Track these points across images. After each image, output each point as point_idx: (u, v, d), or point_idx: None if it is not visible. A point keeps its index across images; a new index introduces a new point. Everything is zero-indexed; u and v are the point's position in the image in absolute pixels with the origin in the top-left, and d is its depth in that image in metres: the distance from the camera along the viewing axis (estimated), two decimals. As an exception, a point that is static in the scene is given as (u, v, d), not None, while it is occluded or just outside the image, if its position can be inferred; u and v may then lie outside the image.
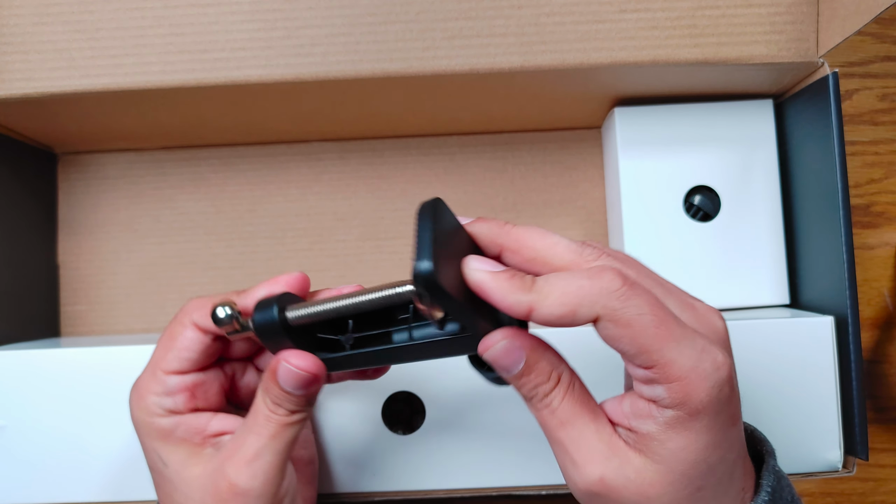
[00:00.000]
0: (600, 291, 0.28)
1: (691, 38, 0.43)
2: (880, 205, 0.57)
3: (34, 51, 0.44)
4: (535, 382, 0.31)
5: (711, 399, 0.29)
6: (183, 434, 0.36)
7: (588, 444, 0.30)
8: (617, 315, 0.28)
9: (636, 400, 0.30)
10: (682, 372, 0.28)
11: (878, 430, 0.56)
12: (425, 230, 0.28)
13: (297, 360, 0.34)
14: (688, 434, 0.29)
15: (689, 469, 0.29)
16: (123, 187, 0.58)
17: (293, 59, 0.44)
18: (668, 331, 0.29)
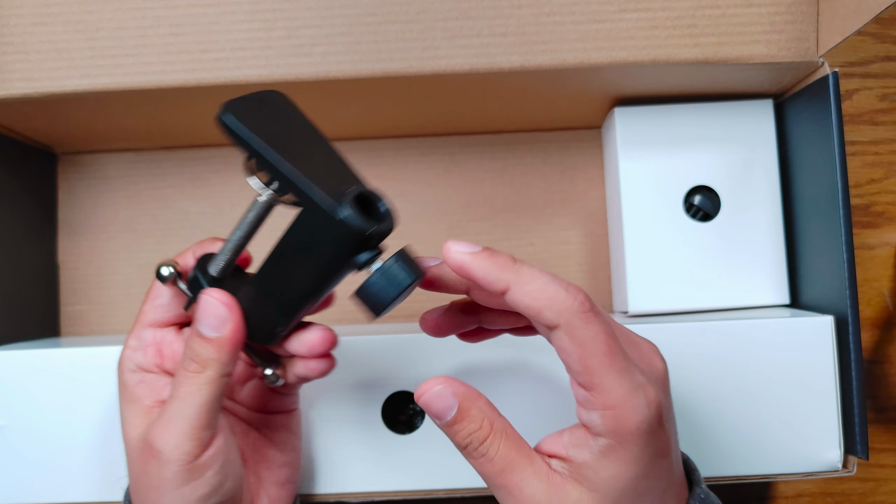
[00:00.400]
0: (570, 306, 0.31)
1: (691, 38, 0.43)
2: (880, 205, 0.57)
3: (34, 51, 0.44)
4: (469, 430, 0.33)
5: (640, 431, 0.31)
6: (140, 392, 0.37)
7: (529, 487, 0.32)
8: (575, 332, 0.31)
9: (576, 429, 0.32)
10: (616, 401, 0.30)
11: (878, 430, 0.56)
12: (246, 96, 0.32)
13: (215, 293, 0.34)
14: (619, 464, 0.31)
15: (620, 496, 0.31)
16: (123, 187, 0.58)
17: (293, 59, 0.44)
18: (613, 360, 0.31)
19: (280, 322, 0.35)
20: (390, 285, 0.31)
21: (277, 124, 0.33)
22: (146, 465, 0.34)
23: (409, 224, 0.57)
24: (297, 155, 0.32)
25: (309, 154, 0.33)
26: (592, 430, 0.31)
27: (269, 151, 0.31)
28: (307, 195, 0.31)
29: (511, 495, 0.32)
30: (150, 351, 0.37)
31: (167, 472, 0.34)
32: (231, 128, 0.31)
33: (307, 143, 0.33)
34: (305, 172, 0.31)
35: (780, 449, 0.43)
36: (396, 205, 0.57)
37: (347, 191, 0.31)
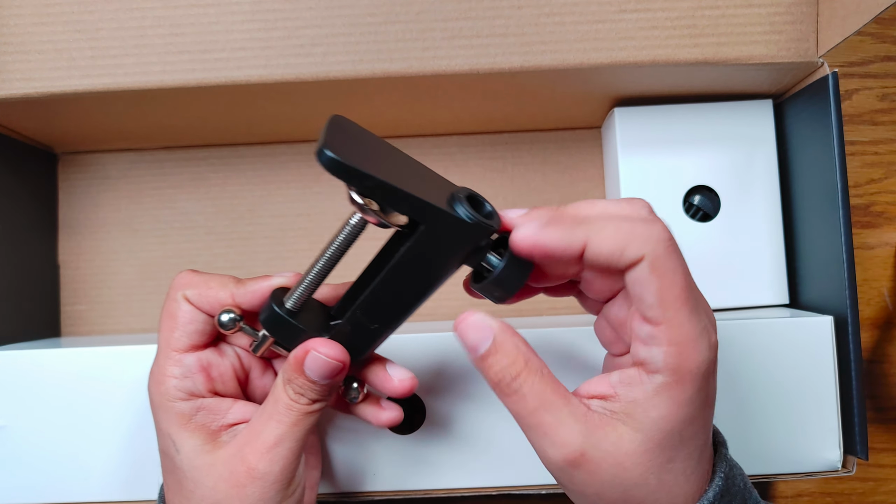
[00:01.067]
0: (651, 236, 0.30)
1: (691, 38, 0.43)
2: (880, 205, 0.57)
3: (34, 51, 0.44)
4: (503, 364, 0.32)
5: (700, 373, 0.30)
6: (202, 419, 0.36)
7: (564, 426, 0.31)
8: (658, 263, 0.30)
9: (627, 369, 0.32)
10: (683, 338, 0.30)
11: (877, 430, 0.56)
12: (328, 132, 0.30)
13: (326, 349, 0.34)
14: (670, 403, 0.30)
15: (664, 439, 0.31)
16: (124, 187, 0.58)
17: (293, 59, 0.44)
18: (688, 297, 0.30)
19: (376, 341, 0.36)
20: (521, 271, 0.33)
21: (373, 152, 0.32)
22: (243, 489, 0.34)
23: (409, 224, 0.57)
24: (404, 177, 0.32)
25: (409, 173, 0.33)
26: (650, 367, 0.30)
27: (389, 184, 0.30)
28: (437, 210, 0.31)
29: (545, 436, 0.31)
30: (199, 378, 0.36)
31: (270, 493, 0.34)
32: (345, 164, 0.30)
33: (402, 163, 0.34)
34: (422, 192, 0.31)
35: (780, 449, 0.43)
36: (396, 205, 0.57)
37: (456, 194, 0.32)
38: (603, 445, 0.31)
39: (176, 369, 0.36)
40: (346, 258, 0.34)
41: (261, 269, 0.57)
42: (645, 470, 0.31)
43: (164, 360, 0.36)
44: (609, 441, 0.31)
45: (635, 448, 0.31)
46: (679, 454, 0.31)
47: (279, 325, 0.35)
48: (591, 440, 0.31)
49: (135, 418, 0.44)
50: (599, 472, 0.31)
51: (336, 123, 0.32)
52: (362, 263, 0.37)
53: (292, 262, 0.57)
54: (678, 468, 0.32)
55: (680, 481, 0.32)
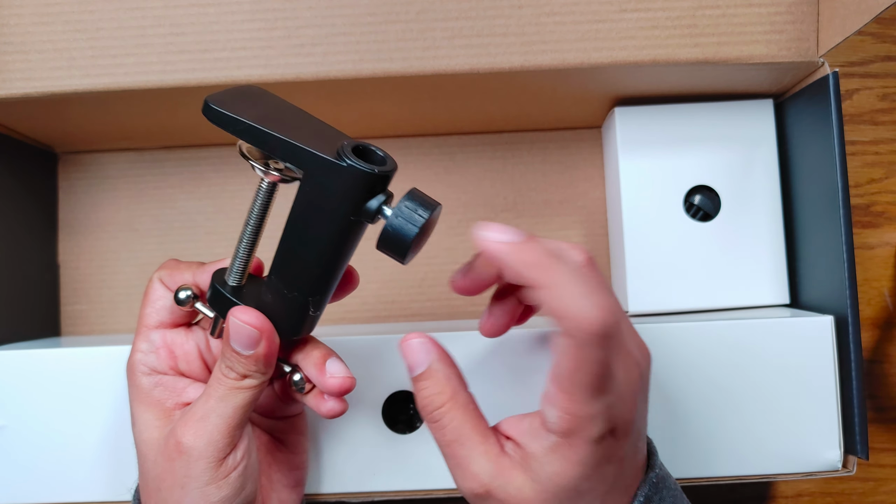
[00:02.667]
0: (588, 327, 0.30)
1: (691, 38, 0.43)
2: (880, 204, 0.57)
3: (34, 51, 0.44)
4: (431, 391, 0.34)
5: (591, 444, 0.31)
6: (158, 394, 0.37)
7: (475, 464, 0.33)
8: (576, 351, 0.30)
9: (535, 418, 0.33)
10: (577, 412, 0.31)
11: (877, 430, 0.56)
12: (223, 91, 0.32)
13: (244, 315, 0.35)
14: (563, 463, 0.32)
15: (560, 492, 0.32)
16: (124, 187, 0.58)
17: (294, 59, 0.44)
18: (595, 386, 0.31)
19: (309, 308, 0.35)
20: (409, 223, 0.32)
21: (260, 106, 0.33)
22: (172, 463, 0.35)
23: (410, 224, 0.57)
24: (286, 126, 0.32)
25: (297, 125, 0.33)
26: (547, 425, 0.32)
27: (259, 127, 0.31)
28: (310, 153, 0.31)
29: (458, 467, 0.33)
30: (163, 353, 0.38)
31: (196, 469, 0.34)
32: (219, 111, 0.31)
33: (292, 117, 0.34)
34: (299, 138, 0.32)
35: (780, 449, 0.43)
36: (396, 204, 0.57)
37: (344, 144, 0.32)
38: (507, 489, 0.32)
39: (143, 344, 0.38)
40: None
41: (261, 268, 0.57)
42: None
43: (137, 336, 0.38)
44: (513, 486, 0.32)
45: (534, 497, 0.32)
46: (583, 502, 0.33)
47: (219, 301, 0.36)
48: (497, 481, 0.32)
49: (135, 418, 0.44)
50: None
51: (242, 89, 0.34)
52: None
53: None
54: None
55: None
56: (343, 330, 0.49)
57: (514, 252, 0.31)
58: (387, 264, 0.57)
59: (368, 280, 0.57)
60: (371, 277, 0.57)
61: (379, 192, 0.33)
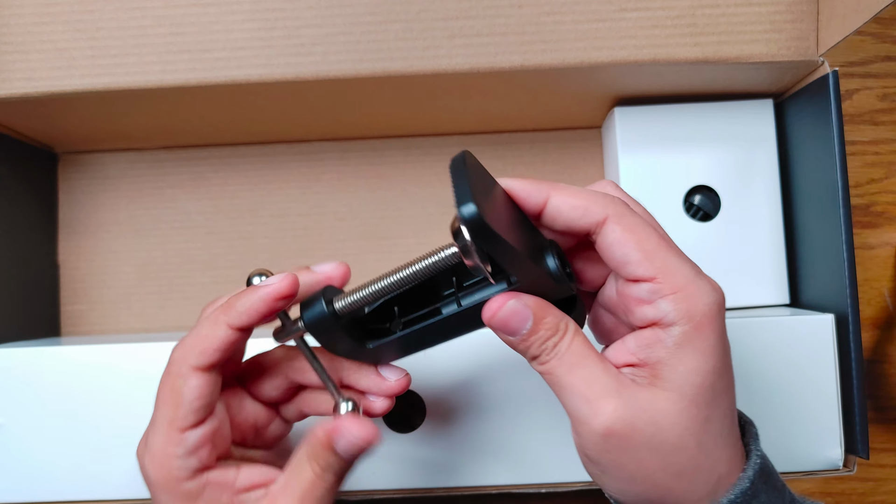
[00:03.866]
0: (612, 200, 0.31)
1: (691, 37, 0.43)
2: (880, 204, 0.57)
3: (34, 51, 0.44)
4: (545, 337, 0.31)
5: (714, 314, 0.30)
6: (209, 496, 0.34)
7: (599, 381, 0.30)
8: (625, 220, 0.30)
9: (639, 334, 0.31)
10: (685, 281, 0.30)
11: (878, 430, 0.56)
12: (461, 177, 0.28)
13: (358, 430, 0.33)
14: (696, 354, 0.30)
15: (697, 394, 0.30)
16: (123, 187, 0.58)
17: (293, 59, 0.44)
18: (669, 243, 0.30)
19: (403, 352, 0.35)
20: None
21: (490, 198, 0.30)
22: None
23: (409, 224, 0.57)
24: (511, 226, 0.30)
25: (510, 217, 0.31)
26: (664, 321, 0.30)
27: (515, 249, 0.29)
28: (535, 269, 0.30)
29: (579, 392, 0.30)
30: (204, 451, 0.33)
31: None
32: (486, 227, 0.28)
33: (499, 202, 0.31)
34: (525, 247, 0.30)
35: (780, 447, 0.43)
36: (396, 205, 0.57)
37: (549, 249, 0.31)
38: (638, 402, 0.30)
39: (179, 448, 0.33)
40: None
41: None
42: (683, 430, 0.30)
43: (165, 439, 0.33)
44: (644, 399, 0.30)
45: (670, 406, 0.30)
46: (714, 413, 0.30)
47: (321, 325, 0.34)
48: (623, 397, 0.30)
49: (133, 417, 0.44)
50: (635, 434, 0.30)
51: (467, 164, 0.29)
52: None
53: (292, 263, 0.57)
54: (715, 430, 0.31)
55: (719, 444, 0.31)
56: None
57: (521, 179, 0.32)
58: (387, 264, 0.57)
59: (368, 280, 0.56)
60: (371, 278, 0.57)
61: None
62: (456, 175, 0.29)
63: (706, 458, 0.31)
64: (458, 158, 0.30)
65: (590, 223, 0.30)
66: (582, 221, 0.31)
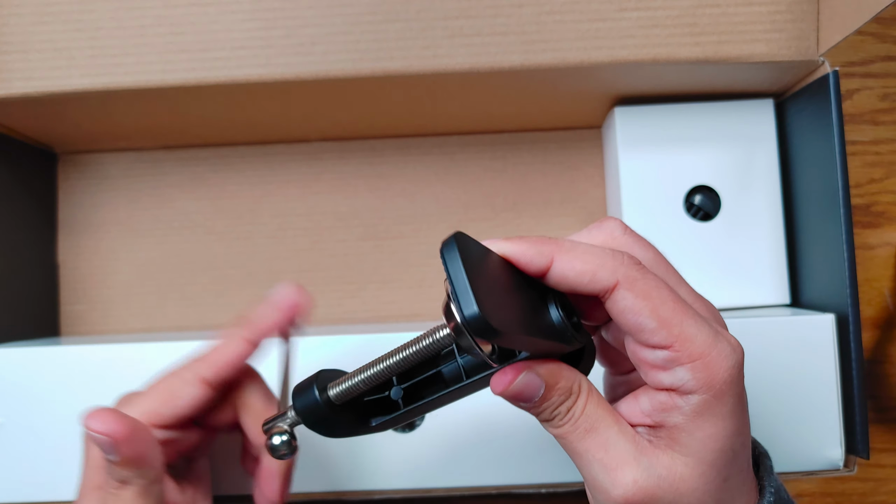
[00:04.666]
0: (622, 261, 0.29)
1: (692, 37, 0.43)
2: (881, 204, 0.57)
3: (34, 50, 0.44)
4: (557, 403, 0.30)
5: (733, 380, 0.29)
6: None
7: (617, 447, 0.29)
8: (636, 285, 0.28)
9: (654, 395, 0.30)
10: (703, 349, 0.28)
11: (878, 430, 0.56)
12: (458, 271, 0.26)
13: (96, 423, 0.32)
14: (715, 420, 0.29)
15: (717, 459, 0.29)
16: (123, 187, 0.58)
17: (293, 58, 0.44)
18: (685, 307, 0.29)
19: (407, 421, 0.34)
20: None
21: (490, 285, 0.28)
22: None
23: (410, 224, 0.57)
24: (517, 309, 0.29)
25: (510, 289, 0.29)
26: (682, 389, 0.28)
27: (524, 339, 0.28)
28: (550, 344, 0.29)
29: (596, 459, 0.29)
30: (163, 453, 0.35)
31: None
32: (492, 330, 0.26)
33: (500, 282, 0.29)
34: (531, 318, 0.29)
35: (781, 447, 0.43)
36: (396, 205, 0.57)
37: (555, 311, 0.30)
38: (657, 470, 0.29)
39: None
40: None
41: (260, 268, 0.57)
42: (702, 494, 0.29)
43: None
44: (662, 465, 0.29)
45: (689, 472, 0.29)
46: (732, 471, 0.30)
47: (316, 414, 0.33)
48: (643, 463, 0.29)
49: (134, 418, 0.44)
50: (657, 498, 0.29)
51: (459, 249, 0.27)
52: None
53: (292, 262, 0.57)
54: (733, 485, 0.30)
55: (735, 496, 0.30)
56: (343, 330, 0.49)
57: (518, 240, 0.29)
58: (387, 264, 0.57)
59: (368, 280, 0.57)
60: (371, 278, 0.57)
61: None
62: (452, 266, 0.27)
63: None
64: (449, 244, 0.28)
65: (599, 289, 0.29)
66: (590, 287, 0.29)
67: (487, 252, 0.29)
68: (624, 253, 0.29)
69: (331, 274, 0.57)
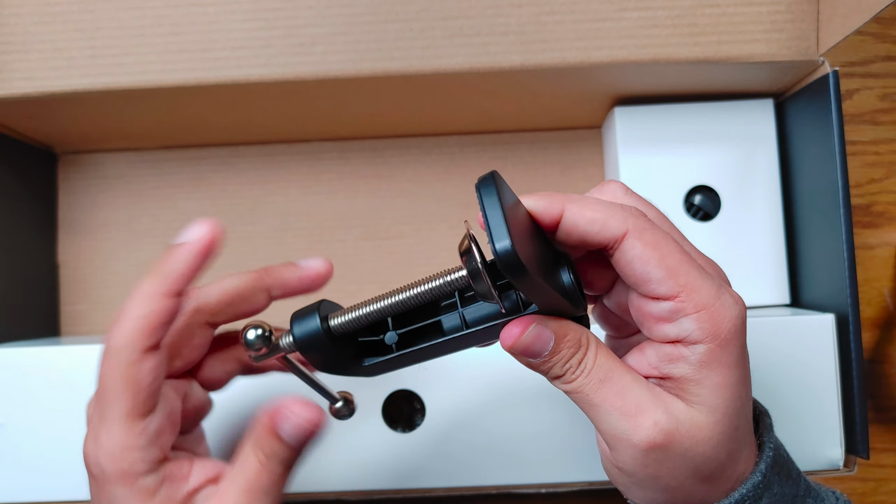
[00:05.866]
0: (631, 212, 0.29)
1: (692, 37, 0.43)
2: (881, 204, 0.57)
3: (34, 50, 0.44)
4: (568, 356, 0.30)
5: (737, 329, 0.29)
6: (166, 492, 0.32)
7: (634, 394, 0.29)
8: (645, 234, 0.29)
9: (660, 347, 0.30)
10: (708, 300, 0.28)
11: (878, 430, 0.56)
12: (494, 206, 0.26)
13: (301, 410, 0.32)
14: (722, 370, 0.29)
15: (728, 407, 0.29)
16: (123, 187, 0.58)
17: (293, 58, 0.44)
18: (691, 259, 0.29)
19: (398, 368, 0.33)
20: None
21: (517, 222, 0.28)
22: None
23: (409, 224, 0.57)
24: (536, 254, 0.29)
25: (532, 240, 0.29)
26: (688, 339, 0.29)
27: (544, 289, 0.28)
28: (562, 300, 0.29)
29: (615, 407, 0.29)
30: (165, 436, 0.32)
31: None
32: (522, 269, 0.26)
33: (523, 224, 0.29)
34: (549, 279, 0.29)
35: (780, 448, 0.43)
36: (396, 205, 0.57)
37: (567, 275, 0.30)
38: (675, 414, 0.29)
39: (141, 439, 0.31)
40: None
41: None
42: (717, 443, 0.29)
43: (122, 431, 0.31)
44: (679, 410, 0.29)
45: (704, 419, 0.29)
46: (741, 421, 0.30)
47: (313, 342, 0.31)
48: (661, 407, 0.29)
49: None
50: (675, 447, 0.29)
51: (497, 186, 0.28)
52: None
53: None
54: (741, 436, 0.31)
55: (743, 448, 0.31)
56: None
57: (534, 195, 0.30)
58: (387, 264, 0.57)
59: (368, 280, 0.57)
60: (370, 278, 0.57)
61: None
62: (488, 199, 0.27)
63: (733, 463, 0.31)
64: (487, 179, 0.28)
65: (608, 238, 0.29)
66: (600, 236, 0.29)
67: (517, 201, 0.30)
68: (631, 206, 0.30)
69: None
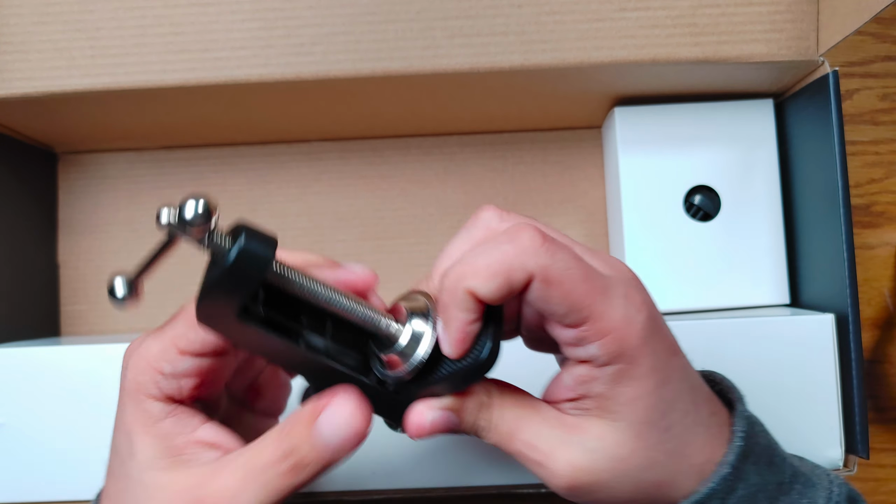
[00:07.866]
0: (525, 250, 0.28)
1: (691, 37, 0.43)
2: (881, 205, 0.57)
3: (34, 50, 0.44)
4: (472, 421, 0.30)
5: (645, 340, 0.29)
6: (167, 428, 0.31)
7: (544, 438, 0.30)
8: (549, 273, 0.27)
9: (573, 368, 0.30)
10: (612, 323, 0.28)
11: (878, 430, 0.56)
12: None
13: (351, 412, 0.30)
14: (635, 383, 0.29)
15: (649, 415, 0.29)
16: (123, 187, 0.58)
17: (293, 58, 0.44)
18: (593, 284, 0.28)
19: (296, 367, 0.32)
20: None
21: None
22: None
23: (410, 224, 0.57)
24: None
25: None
26: (596, 363, 0.29)
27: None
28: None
29: (528, 458, 0.30)
30: (187, 383, 0.31)
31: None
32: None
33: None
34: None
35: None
36: (396, 205, 0.57)
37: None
38: (588, 445, 0.29)
39: (166, 365, 0.30)
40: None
41: (261, 269, 0.57)
42: (646, 451, 0.29)
43: (160, 348, 0.31)
44: (593, 437, 0.29)
45: (624, 436, 0.29)
46: (673, 418, 0.30)
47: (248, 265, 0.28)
48: (573, 443, 0.29)
49: (134, 418, 0.44)
50: (601, 475, 0.29)
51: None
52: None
53: (292, 262, 0.57)
54: (679, 431, 0.30)
55: (690, 440, 0.30)
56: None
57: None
58: (387, 264, 0.57)
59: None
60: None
61: None
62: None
63: (679, 459, 0.30)
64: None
65: (519, 287, 0.28)
66: (512, 293, 0.28)
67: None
68: (521, 231, 0.28)
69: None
